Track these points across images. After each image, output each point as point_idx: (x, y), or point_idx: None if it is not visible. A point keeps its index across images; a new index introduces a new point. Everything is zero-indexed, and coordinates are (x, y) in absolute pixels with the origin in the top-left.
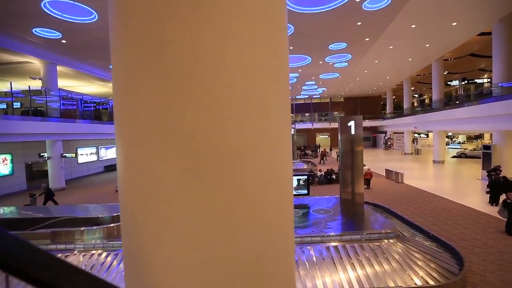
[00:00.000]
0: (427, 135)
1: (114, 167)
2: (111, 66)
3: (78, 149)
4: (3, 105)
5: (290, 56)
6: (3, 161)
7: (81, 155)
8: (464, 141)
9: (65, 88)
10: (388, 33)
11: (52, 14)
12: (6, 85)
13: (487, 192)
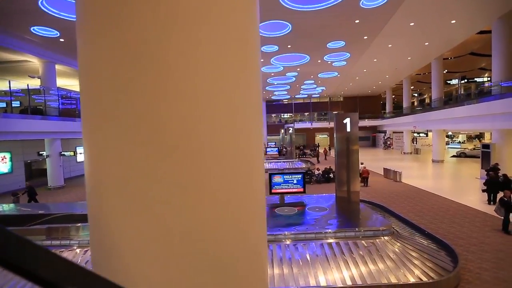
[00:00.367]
0: (426, 135)
1: None
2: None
3: (77, 147)
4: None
5: (288, 54)
6: (2, 159)
7: (80, 153)
8: (464, 141)
9: (64, 87)
10: (386, 31)
11: (50, 12)
12: (5, 84)
13: (483, 190)
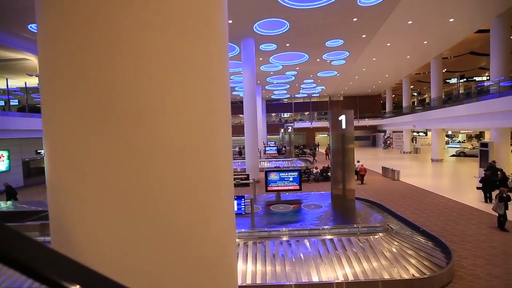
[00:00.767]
0: (426, 134)
1: None
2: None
3: None
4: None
5: (287, 53)
6: (0, 157)
7: None
8: (464, 140)
9: None
10: (384, 29)
11: None
12: (3, 82)
13: (478, 187)
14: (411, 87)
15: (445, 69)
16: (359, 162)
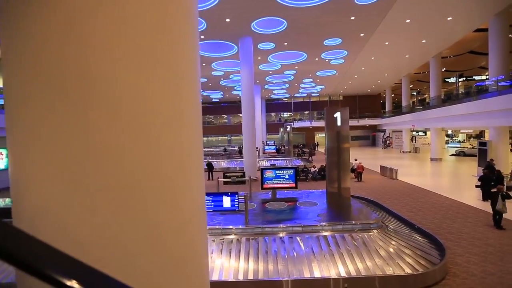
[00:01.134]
0: (425, 133)
1: None
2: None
3: None
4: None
5: (285, 52)
6: None
7: None
8: (464, 140)
9: None
10: (382, 28)
11: None
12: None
13: (477, 186)
14: (410, 86)
15: (445, 69)
16: (356, 160)
